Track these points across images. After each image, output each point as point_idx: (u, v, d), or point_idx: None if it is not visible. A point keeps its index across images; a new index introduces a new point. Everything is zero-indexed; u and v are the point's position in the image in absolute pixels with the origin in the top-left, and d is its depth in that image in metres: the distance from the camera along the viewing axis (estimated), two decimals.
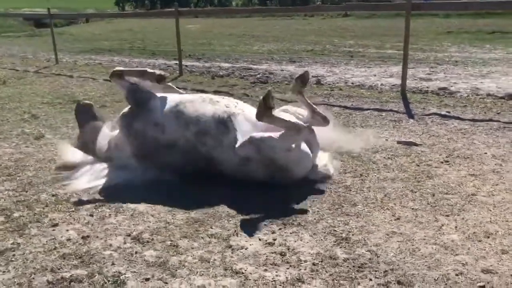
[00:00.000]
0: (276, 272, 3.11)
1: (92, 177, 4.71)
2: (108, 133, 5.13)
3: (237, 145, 4.30)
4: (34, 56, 18.45)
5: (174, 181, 4.51)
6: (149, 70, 5.06)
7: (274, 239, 3.52)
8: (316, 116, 4.80)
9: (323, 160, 4.82)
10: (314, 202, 4.17)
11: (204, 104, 4.62)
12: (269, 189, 4.30)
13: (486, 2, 9.63)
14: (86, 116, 5.49)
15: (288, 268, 3.15)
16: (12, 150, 5.97)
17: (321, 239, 3.53)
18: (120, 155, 4.77)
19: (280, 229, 3.69)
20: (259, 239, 3.55)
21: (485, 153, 5.40)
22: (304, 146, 4.37)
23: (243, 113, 4.66)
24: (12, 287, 3.00)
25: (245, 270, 3.13)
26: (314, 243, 3.47)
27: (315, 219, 3.86)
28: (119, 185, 4.54)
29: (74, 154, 5.09)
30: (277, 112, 4.49)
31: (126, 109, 4.88)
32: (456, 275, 3.03)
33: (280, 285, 2.95)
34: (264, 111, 4.20)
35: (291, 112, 4.82)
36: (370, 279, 3.00)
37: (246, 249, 3.41)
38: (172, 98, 4.77)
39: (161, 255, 3.35)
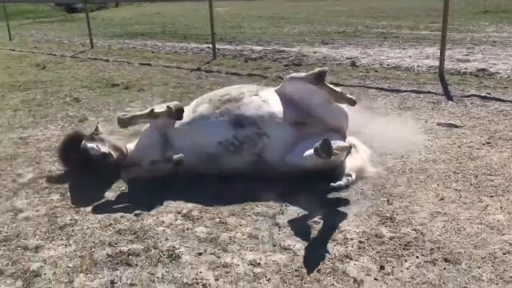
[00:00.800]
0: (324, 249, 3.21)
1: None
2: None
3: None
4: (69, 41, 18.85)
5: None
6: (159, 111, 4.40)
7: (320, 218, 3.61)
8: (341, 100, 4.58)
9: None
10: (357, 182, 4.22)
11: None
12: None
13: None
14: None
15: (335, 246, 3.25)
16: (59, 132, 6.22)
17: (366, 219, 3.60)
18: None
19: (324, 208, 3.77)
20: (304, 218, 3.65)
21: None
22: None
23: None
24: (74, 259, 3.19)
25: (293, 247, 3.24)
26: (359, 222, 3.55)
27: (358, 199, 3.93)
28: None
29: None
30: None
31: None
32: (504, 254, 3.06)
33: (329, 261, 3.05)
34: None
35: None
36: (417, 257, 3.07)
37: (292, 227, 3.51)
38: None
39: (212, 231, 3.49)
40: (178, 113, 4.39)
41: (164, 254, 3.20)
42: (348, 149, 4.02)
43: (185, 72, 10.66)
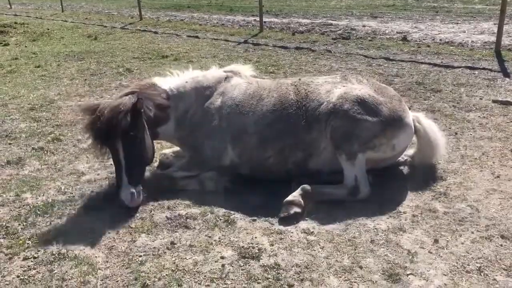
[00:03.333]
0: (377, 221, 3.24)
1: None
2: None
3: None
4: (118, 13, 19.21)
5: None
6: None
7: (373, 191, 3.61)
8: None
9: None
10: (410, 159, 4.20)
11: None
12: None
13: None
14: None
15: (388, 218, 3.27)
16: None
17: (419, 193, 3.60)
18: None
19: (378, 181, 3.78)
20: None
21: None
22: None
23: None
24: (136, 221, 3.36)
25: (346, 218, 3.29)
26: (412, 197, 3.55)
27: (412, 174, 3.92)
28: None
29: None
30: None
31: None
32: None
33: (382, 233, 3.09)
34: None
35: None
36: (472, 232, 3.06)
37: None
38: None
39: (264, 199, 3.58)
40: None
41: (220, 219, 3.33)
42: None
43: (233, 44, 10.70)
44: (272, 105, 3.79)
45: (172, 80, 4.09)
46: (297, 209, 3.33)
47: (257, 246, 2.98)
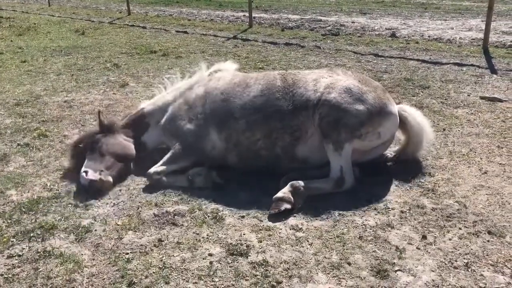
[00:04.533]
0: (365, 217, 3.24)
1: None
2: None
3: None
4: (106, 8, 19.01)
5: None
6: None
7: (362, 187, 3.62)
8: None
9: None
10: (397, 154, 4.21)
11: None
12: None
13: None
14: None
15: (376, 215, 3.27)
16: (101, 96, 6.37)
17: (407, 189, 3.61)
18: None
19: (365, 178, 3.78)
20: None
21: None
22: None
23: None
24: (123, 218, 3.33)
25: (335, 214, 3.28)
26: (400, 193, 3.56)
27: (400, 170, 3.92)
28: None
29: None
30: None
31: None
32: None
33: (370, 229, 3.09)
34: None
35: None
36: (460, 228, 3.07)
37: (332, 195, 3.54)
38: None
39: (253, 195, 3.56)
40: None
41: (208, 216, 3.30)
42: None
43: (222, 40, 10.65)
44: (260, 91, 3.86)
45: (154, 98, 4.44)
46: (287, 205, 3.32)
47: (245, 243, 2.96)
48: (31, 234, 3.12)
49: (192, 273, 2.69)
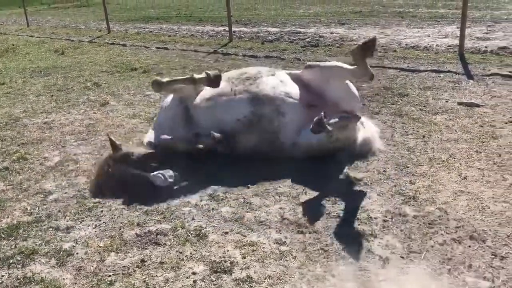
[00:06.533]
0: (348, 227, 3.25)
1: None
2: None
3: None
4: (86, 27, 18.96)
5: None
6: (198, 76, 4.42)
7: (344, 198, 3.64)
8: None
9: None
10: (379, 162, 4.25)
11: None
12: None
13: None
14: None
15: (359, 225, 3.28)
16: (81, 116, 6.32)
17: (389, 198, 3.63)
18: None
19: (348, 188, 3.80)
20: (327, 198, 3.68)
21: None
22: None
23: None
24: (105, 239, 3.29)
25: (318, 226, 3.29)
26: (382, 202, 3.58)
27: (381, 179, 3.95)
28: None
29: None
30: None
31: None
32: None
33: (354, 240, 3.09)
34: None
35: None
36: (442, 235, 3.09)
37: (316, 207, 3.55)
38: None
39: (236, 211, 3.55)
40: (216, 80, 4.36)
41: (191, 233, 3.28)
42: (346, 124, 4.10)
43: (203, 55, 10.68)
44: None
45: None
46: None
47: (229, 260, 2.95)
48: (11, 261, 3.06)
49: None
